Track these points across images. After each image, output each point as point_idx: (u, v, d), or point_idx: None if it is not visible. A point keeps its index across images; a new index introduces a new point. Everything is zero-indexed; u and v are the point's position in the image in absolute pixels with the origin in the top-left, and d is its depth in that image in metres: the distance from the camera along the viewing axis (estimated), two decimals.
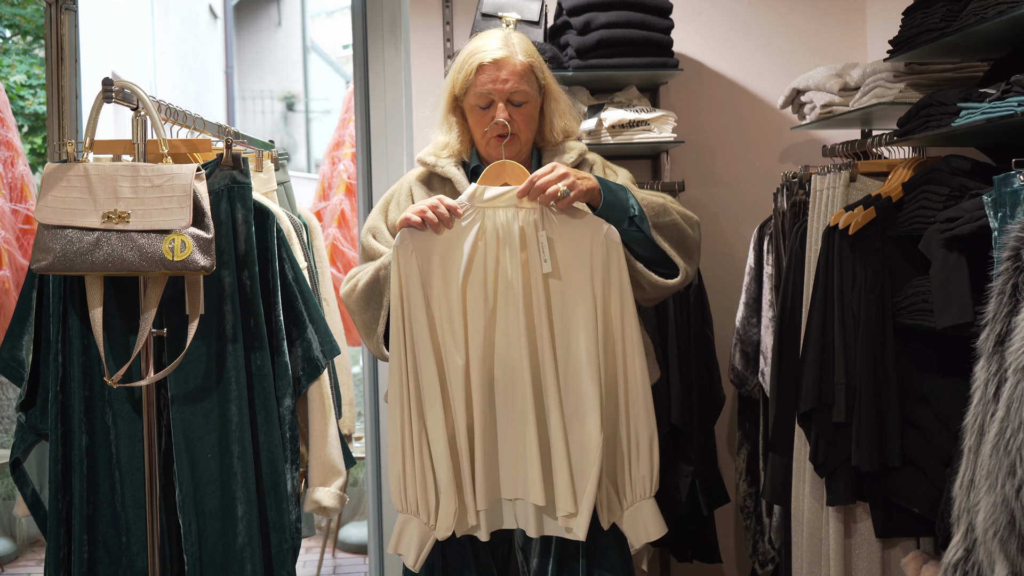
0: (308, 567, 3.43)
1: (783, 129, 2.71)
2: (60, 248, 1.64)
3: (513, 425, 1.62)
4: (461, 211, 1.61)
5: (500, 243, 1.61)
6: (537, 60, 1.73)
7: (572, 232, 1.61)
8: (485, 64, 1.67)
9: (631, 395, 1.63)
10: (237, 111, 10.62)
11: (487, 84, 1.67)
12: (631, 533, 1.66)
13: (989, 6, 1.69)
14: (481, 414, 1.60)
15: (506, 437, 1.62)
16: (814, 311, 2.00)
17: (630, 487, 1.65)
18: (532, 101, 1.70)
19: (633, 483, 1.64)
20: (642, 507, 1.65)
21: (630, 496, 1.65)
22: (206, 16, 9.53)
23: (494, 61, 1.67)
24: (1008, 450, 1.26)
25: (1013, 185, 1.48)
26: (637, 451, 1.63)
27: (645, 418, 1.63)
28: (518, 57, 1.68)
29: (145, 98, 1.72)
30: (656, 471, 1.64)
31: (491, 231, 1.61)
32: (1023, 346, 1.27)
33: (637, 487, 1.65)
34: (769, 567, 2.48)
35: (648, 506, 1.65)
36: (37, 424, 1.80)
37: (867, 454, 1.88)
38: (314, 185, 3.96)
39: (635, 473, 1.64)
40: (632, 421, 1.63)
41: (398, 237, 1.62)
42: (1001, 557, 1.25)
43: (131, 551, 1.78)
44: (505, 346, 1.61)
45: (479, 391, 1.60)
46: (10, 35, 5.34)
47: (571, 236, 1.61)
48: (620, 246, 1.61)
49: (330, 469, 1.82)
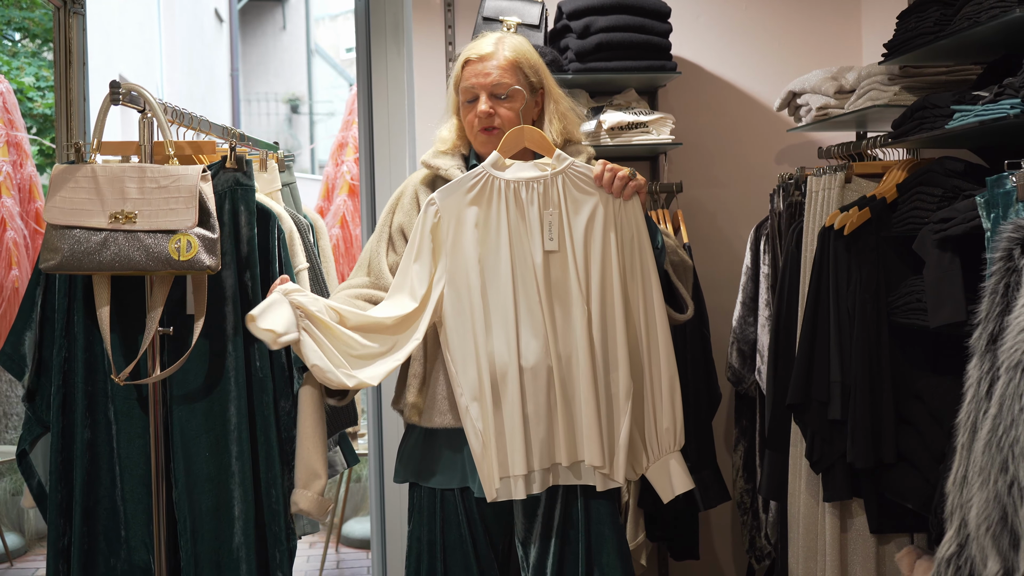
0: (312, 562, 3.46)
1: (779, 131, 2.73)
2: (68, 248, 1.66)
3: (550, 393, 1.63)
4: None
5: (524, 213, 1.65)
6: (527, 59, 1.76)
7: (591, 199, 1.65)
8: (471, 60, 1.74)
9: (652, 347, 1.66)
10: (242, 113, 10.66)
11: (471, 78, 1.73)
12: (659, 487, 1.68)
13: (982, 10, 1.71)
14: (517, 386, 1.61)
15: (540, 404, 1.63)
16: (810, 310, 2.02)
17: (657, 440, 1.67)
18: (517, 96, 1.73)
19: (659, 436, 1.67)
20: (668, 461, 1.67)
21: (656, 450, 1.67)
22: (212, 20, 9.57)
23: (479, 56, 1.73)
24: (1000, 447, 1.27)
25: (1005, 186, 1.50)
26: (661, 403, 1.66)
27: (667, 370, 1.66)
28: (503, 53, 1.73)
29: (152, 100, 1.74)
30: (679, 424, 1.67)
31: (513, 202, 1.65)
32: (1015, 344, 1.28)
33: (663, 440, 1.67)
34: (765, 562, 2.49)
35: (674, 460, 1.67)
36: (43, 417, 1.83)
37: (862, 451, 1.89)
38: (318, 186, 3.99)
39: (659, 425, 1.66)
40: (654, 373, 1.66)
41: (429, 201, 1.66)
42: (993, 552, 1.26)
43: (130, 545, 1.80)
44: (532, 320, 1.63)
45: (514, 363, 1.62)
46: (19, 38, 5.38)
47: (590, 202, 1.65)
48: (638, 204, 1.66)
49: (310, 472, 1.80)
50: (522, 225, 1.64)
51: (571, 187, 1.64)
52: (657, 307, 1.66)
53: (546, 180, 1.64)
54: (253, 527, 1.78)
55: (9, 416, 3.85)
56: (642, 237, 1.66)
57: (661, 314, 1.66)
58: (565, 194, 1.64)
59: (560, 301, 1.64)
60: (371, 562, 2.75)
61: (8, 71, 4.98)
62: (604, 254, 1.63)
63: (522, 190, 1.65)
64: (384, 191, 2.61)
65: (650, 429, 1.67)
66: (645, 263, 1.65)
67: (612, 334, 1.64)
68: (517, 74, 1.73)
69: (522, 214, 1.65)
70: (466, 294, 1.64)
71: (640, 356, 1.66)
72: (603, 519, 1.68)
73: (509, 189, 1.65)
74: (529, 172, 1.66)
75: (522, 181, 1.65)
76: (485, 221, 1.65)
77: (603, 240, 1.63)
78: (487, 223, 1.65)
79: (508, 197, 1.64)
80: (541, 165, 1.67)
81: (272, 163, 2.22)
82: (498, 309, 1.63)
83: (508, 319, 1.63)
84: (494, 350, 1.63)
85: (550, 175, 1.65)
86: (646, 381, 1.67)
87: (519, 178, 1.65)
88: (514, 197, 1.65)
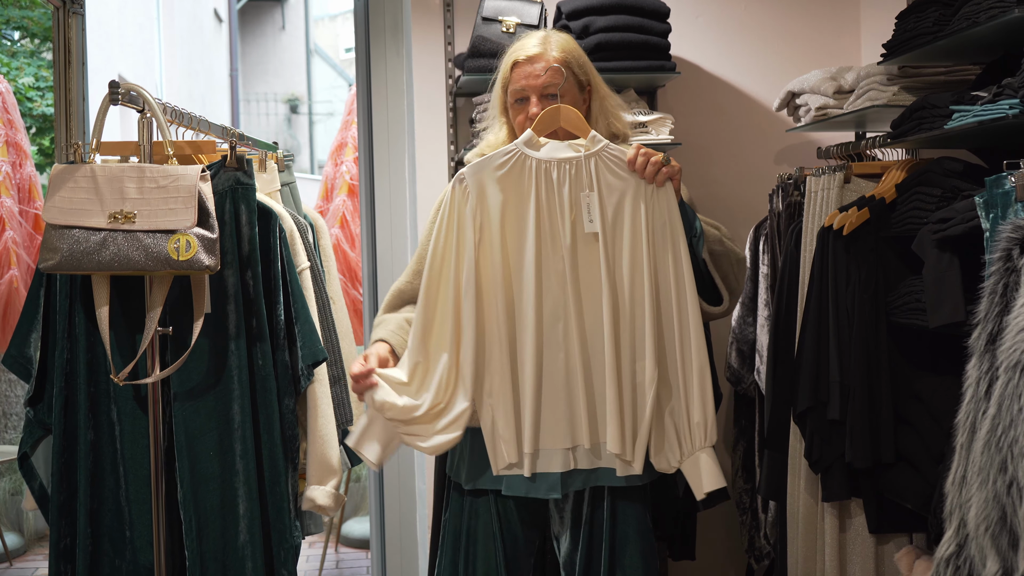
0: (311, 562, 3.46)
1: (778, 131, 2.73)
2: (67, 248, 1.66)
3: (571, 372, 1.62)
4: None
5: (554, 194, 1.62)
6: (575, 57, 1.75)
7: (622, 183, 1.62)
8: (520, 61, 1.73)
9: (683, 338, 1.61)
10: (241, 113, 10.67)
11: (520, 80, 1.72)
12: (692, 483, 1.64)
13: (981, 10, 1.71)
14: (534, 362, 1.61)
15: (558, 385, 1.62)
16: (809, 310, 2.03)
17: (688, 434, 1.63)
18: (568, 95, 1.72)
19: (692, 430, 1.62)
20: (699, 457, 1.63)
21: (687, 445, 1.63)
22: (211, 20, 9.58)
23: (528, 58, 1.72)
24: (1000, 447, 1.27)
25: (1004, 187, 1.50)
26: (692, 396, 1.61)
27: (698, 362, 1.61)
28: (551, 52, 1.72)
29: (151, 100, 1.74)
30: (711, 419, 1.62)
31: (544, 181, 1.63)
32: (1014, 344, 1.28)
33: (695, 435, 1.62)
34: (764, 562, 2.50)
35: (705, 456, 1.62)
36: (45, 419, 1.83)
37: (861, 451, 1.90)
38: (317, 186, 3.99)
39: (691, 419, 1.62)
40: (685, 364, 1.62)
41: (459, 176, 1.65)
42: (992, 552, 1.26)
43: (135, 545, 1.80)
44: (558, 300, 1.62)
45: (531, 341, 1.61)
46: (18, 38, 5.38)
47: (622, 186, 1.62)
48: (671, 190, 1.62)
49: (327, 468, 1.83)
50: (551, 205, 1.62)
51: (604, 170, 1.62)
52: (690, 297, 1.61)
53: (579, 161, 1.62)
54: (259, 525, 1.79)
55: (9, 416, 3.85)
56: (675, 224, 1.61)
57: (693, 305, 1.61)
58: (598, 176, 1.61)
59: (587, 284, 1.61)
60: (371, 562, 2.75)
61: (7, 71, 4.98)
62: (634, 239, 1.60)
63: (553, 170, 1.62)
64: (383, 191, 2.61)
65: (682, 422, 1.63)
66: (677, 251, 1.61)
67: (640, 321, 1.61)
68: (567, 73, 1.71)
69: (552, 194, 1.62)
70: (488, 271, 1.62)
71: (673, 346, 1.62)
72: (628, 520, 1.67)
73: (541, 168, 1.62)
74: (563, 152, 1.63)
75: (554, 161, 1.62)
76: (514, 198, 1.63)
77: (632, 225, 1.60)
78: (515, 200, 1.63)
79: (539, 176, 1.62)
80: (575, 146, 1.64)
81: (271, 163, 2.22)
82: (520, 287, 1.62)
83: (528, 299, 1.61)
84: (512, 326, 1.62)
85: (583, 156, 1.62)
86: (678, 372, 1.62)
87: (552, 157, 1.62)
88: (544, 176, 1.62)
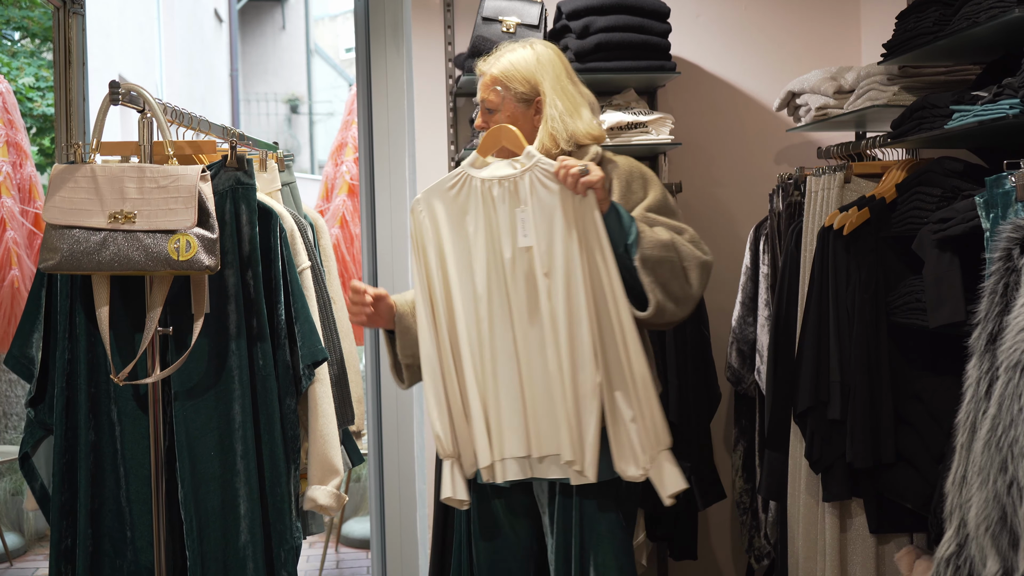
0: (312, 561, 3.46)
1: (779, 131, 2.73)
2: (67, 248, 1.66)
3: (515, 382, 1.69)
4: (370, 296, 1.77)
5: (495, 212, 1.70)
6: (517, 72, 1.78)
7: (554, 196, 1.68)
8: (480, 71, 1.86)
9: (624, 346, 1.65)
10: (242, 113, 10.67)
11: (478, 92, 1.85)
12: (656, 486, 1.67)
13: (981, 10, 1.71)
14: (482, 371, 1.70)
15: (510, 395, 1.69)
16: (809, 310, 2.03)
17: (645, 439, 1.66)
18: (504, 110, 1.79)
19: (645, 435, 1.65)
20: (660, 461, 1.66)
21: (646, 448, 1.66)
22: (211, 20, 9.58)
23: (479, 71, 1.84)
24: (1000, 446, 1.27)
25: (1004, 186, 1.51)
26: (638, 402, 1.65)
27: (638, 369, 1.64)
28: (491, 69, 1.81)
29: (151, 100, 1.74)
30: (659, 423, 1.65)
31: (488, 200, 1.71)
32: (1014, 344, 1.28)
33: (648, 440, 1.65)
34: (765, 562, 2.50)
35: (664, 459, 1.65)
36: (46, 420, 1.83)
37: (861, 451, 1.90)
38: (318, 186, 3.99)
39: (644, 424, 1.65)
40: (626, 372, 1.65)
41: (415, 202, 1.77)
42: (993, 552, 1.27)
43: (135, 546, 1.80)
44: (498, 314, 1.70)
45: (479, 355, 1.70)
46: (19, 38, 5.38)
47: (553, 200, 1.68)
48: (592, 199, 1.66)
49: (328, 468, 1.83)
50: (493, 222, 1.70)
51: (538, 184, 1.69)
52: (621, 305, 1.65)
53: (516, 178, 1.70)
54: (260, 525, 1.79)
55: (9, 416, 3.85)
56: (600, 233, 1.65)
57: (626, 312, 1.66)
58: (532, 191, 1.69)
59: (528, 298, 1.68)
60: (371, 562, 2.75)
61: (8, 71, 4.98)
62: (567, 250, 1.66)
63: (495, 188, 1.71)
64: (383, 191, 2.61)
65: (640, 427, 1.66)
66: (606, 260, 1.65)
67: (577, 331, 1.66)
68: (501, 90, 1.79)
69: (492, 212, 1.70)
70: (443, 291, 1.71)
71: (617, 353, 1.66)
72: (597, 518, 1.69)
73: (485, 187, 1.71)
74: (503, 171, 1.71)
75: (495, 179, 1.71)
76: (461, 219, 1.72)
77: (565, 236, 1.66)
78: (463, 221, 1.72)
79: (484, 195, 1.71)
80: (515, 163, 1.72)
81: (272, 163, 2.22)
82: (470, 304, 1.70)
83: (481, 315, 1.69)
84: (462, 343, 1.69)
85: (519, 173, 1.70)
86: (627, 380, 1.66)
87: (493, 176, 1.71)
88: (488, 195, 1.71)
